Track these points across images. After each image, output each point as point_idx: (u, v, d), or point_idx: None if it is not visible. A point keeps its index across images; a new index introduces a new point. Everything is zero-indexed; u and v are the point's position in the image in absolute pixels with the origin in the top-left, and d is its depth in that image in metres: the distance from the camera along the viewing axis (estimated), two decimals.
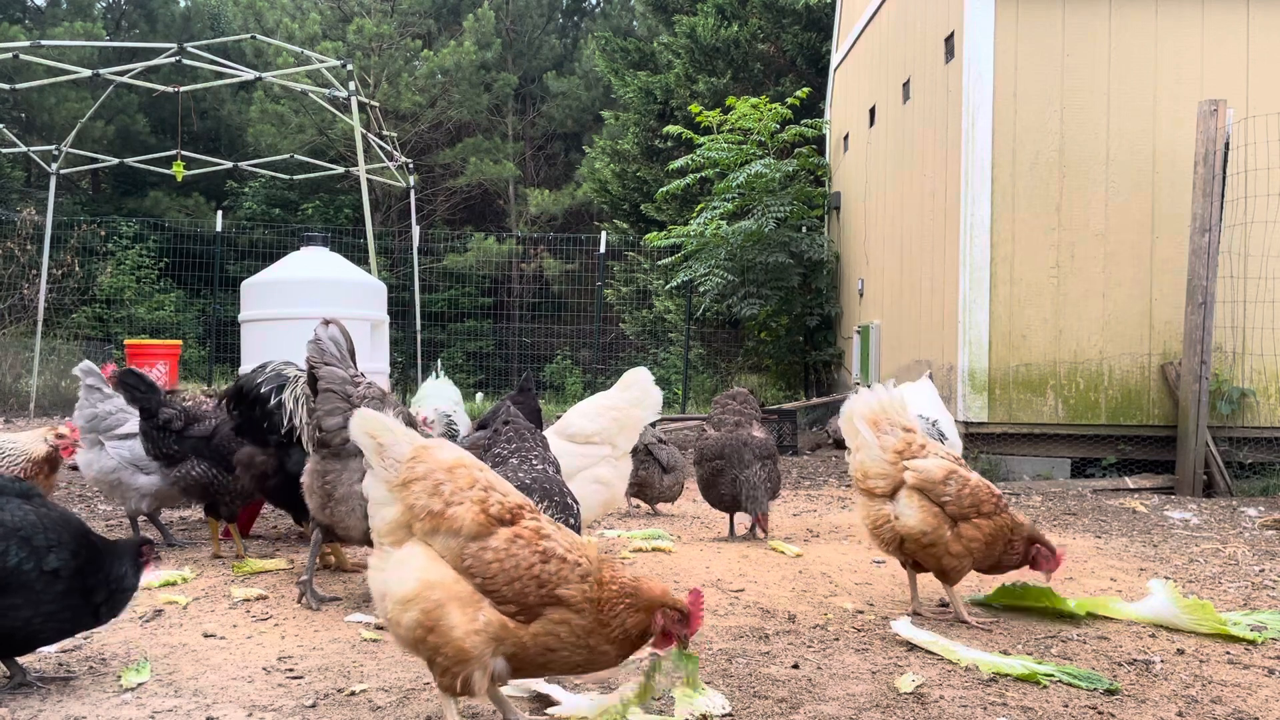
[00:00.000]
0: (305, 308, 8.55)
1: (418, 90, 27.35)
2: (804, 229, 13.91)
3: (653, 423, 6.34)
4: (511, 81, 29.67)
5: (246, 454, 4.50)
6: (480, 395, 18.67)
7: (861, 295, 12.51)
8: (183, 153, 13.85)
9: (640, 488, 6.42)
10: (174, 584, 4.37)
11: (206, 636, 3.58)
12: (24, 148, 14.67)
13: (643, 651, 2.67)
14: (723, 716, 2.85)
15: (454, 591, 2.49)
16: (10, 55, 12.05)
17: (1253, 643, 3.69)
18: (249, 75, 13.24)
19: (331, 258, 9.40)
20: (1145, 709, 3.01)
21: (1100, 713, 2.96)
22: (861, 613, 4.07)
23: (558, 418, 6.33)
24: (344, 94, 12.53)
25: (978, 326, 8.36)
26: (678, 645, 2.57)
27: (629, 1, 31.64)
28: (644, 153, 19.89)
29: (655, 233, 15.23)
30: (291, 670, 3.21)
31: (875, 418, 3.94)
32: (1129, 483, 8.10)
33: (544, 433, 4.62)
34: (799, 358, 14.77)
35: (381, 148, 14.79)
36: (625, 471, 5.11)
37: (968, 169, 8.42)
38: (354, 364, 4.01)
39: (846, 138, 13.80)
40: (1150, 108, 8.38)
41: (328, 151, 25.06)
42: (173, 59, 12.51)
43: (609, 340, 21.15)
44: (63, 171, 15.16)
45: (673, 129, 15.12)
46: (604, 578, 2.55)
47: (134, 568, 3.09)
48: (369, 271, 10.94)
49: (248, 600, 4.08)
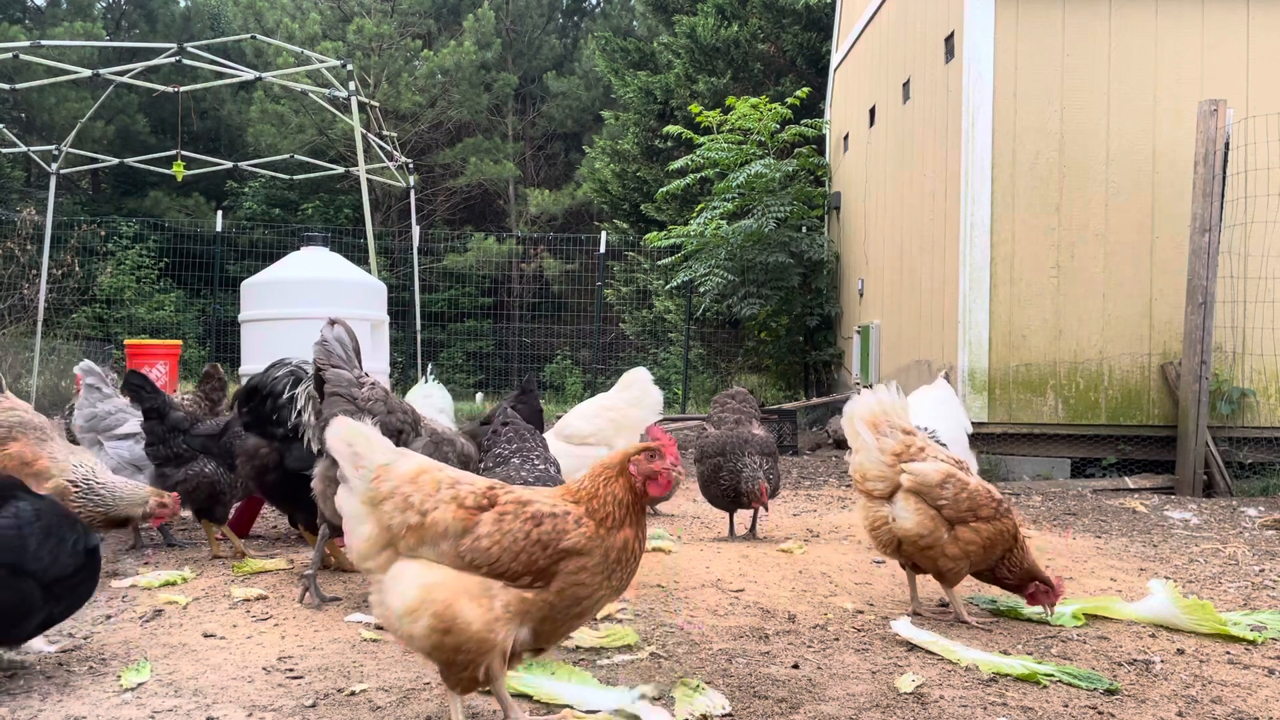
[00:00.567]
0: (305, 308, 8.55)
1: (418, 90, 27.35)
2: (804, 229, 13.91)
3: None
4: (511, 81, 29.67)
5: (252, 445, 4.50)
6: (480, 395, 18.68)
7: (861, 295, 12.51)
8: (183, 153, 13.84)
9: None
10: (174, 584, 4.37)
11: (206, 636, 3.58)
12: (24, 148, 14.68)
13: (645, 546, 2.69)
14: (723, 716, 2.85)
15: (459, 588, 2.50)
16: (10, 55, 12.05)
17: (1253, 643, 3.69)
18: (249, 75, 13.24)
19: (331, 258, 9.40)
20: (1145, 709, 3.01)
21: (1100, 713, 2.96)
22: (861, 613, 4.07)
23: (558, 418, 6.33)
24: (344, 94, 12.53)
25: (978, 326, 8.36)
26: (663, 475, 2.63)
27: (629, 1, 31.64)
28: (644, 153, 19.89)
29: (655, 233, 15.23)
30: (291, 670, 3.21)
31: (875, 420, 3.94)
32: (1129, 483, 8.10)
33: (543, 435, 4.63)
34: (799, 358, 14.77)
35: (381, 148, 14.79)
36: None
37: (968, 169, 8.42)
38: (360, 364, 4.01)
39: (846, 138, 13.80)
40: (1150, 108, 8.38)
41: (328, 151, 25.06)
42: (173, 59, 12.51)
43: (609, 340, 21.15)
44: (63, 171, 15.16)
45: (673, 129, 15.13)
46: (595, 506, 2.60)
47: None
48: (369, 271, 10.94)
49: (248, 600, 4.08)
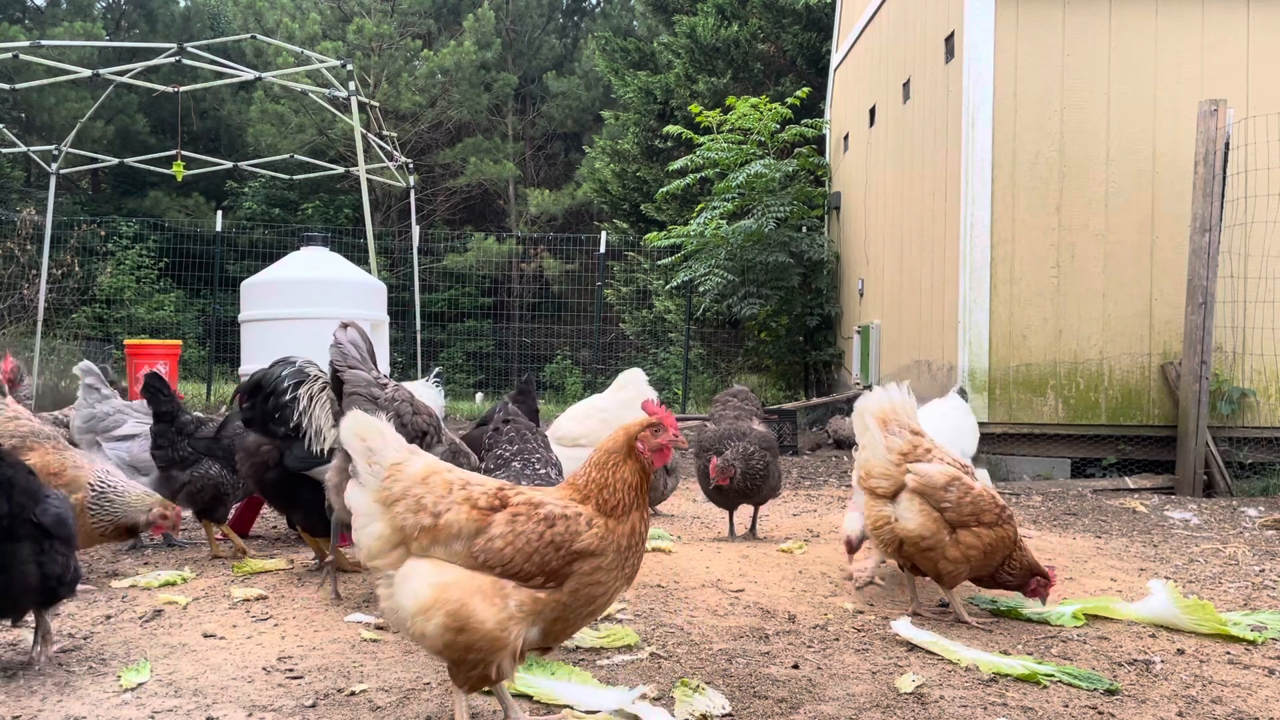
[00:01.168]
0: (305, 308, 8.56)
1: (418, 90, 27.35)
2: (804, 229, 13.91)
3: None
4: (511, 81, 29.67)
5: (253, 441, 4.49)
6: (480, 395, 18.69)
7: (861, 295, 12.51)
8: (183, 153, 13.85)
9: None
10: (174, 584, 4.37)
11: (206, 636, 3.57)
12: (24, 148, 14.68)
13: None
14: (723, 716, 2.85)
15: (472, 587, 2.50)
16: (10, 55, 12.06)
17: (1253, 643, 3.69)
18: (249, 75, 13.24)
19: (331, 258, 9.41)
20: (1145, 709, 3.01)
21: (1100, 713, 2.96)
22: (861, 613, 4.07)
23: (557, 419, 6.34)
24: (344, 94, 12.53)
25: (978, 326, 8.35)
26: (669, 446, 2.67)
27: (629, 1, 31.64)
28: (644, 153, 19.88)
29: (655, 233, 15.23)
30: (291, 670, 3.20)
31: (885, 417, 3.93)
32: (1129, 483, 8.10)
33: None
34: (799, 358, 14.77)
35: (381, 148, 14.80)
36: None
37: (968, 169, 8.42)
38: (375, 366, 4.01)
39: (846, 138, 13.80)
40: (1150, 108, 8.38)
41: (328, 151, 25.06)
42: (173, 59, 12.52)
43: (609, 340, 21.14)
44: (63, 171, 15.17)
45: (673, 129, 15.12)
46: (602, 500, 2.61)
47: None
48: (369, 271, 10.95)
49: (248, 600, 4.08)
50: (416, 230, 15.92)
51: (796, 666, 3.32)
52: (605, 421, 4.96)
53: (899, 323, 10.63)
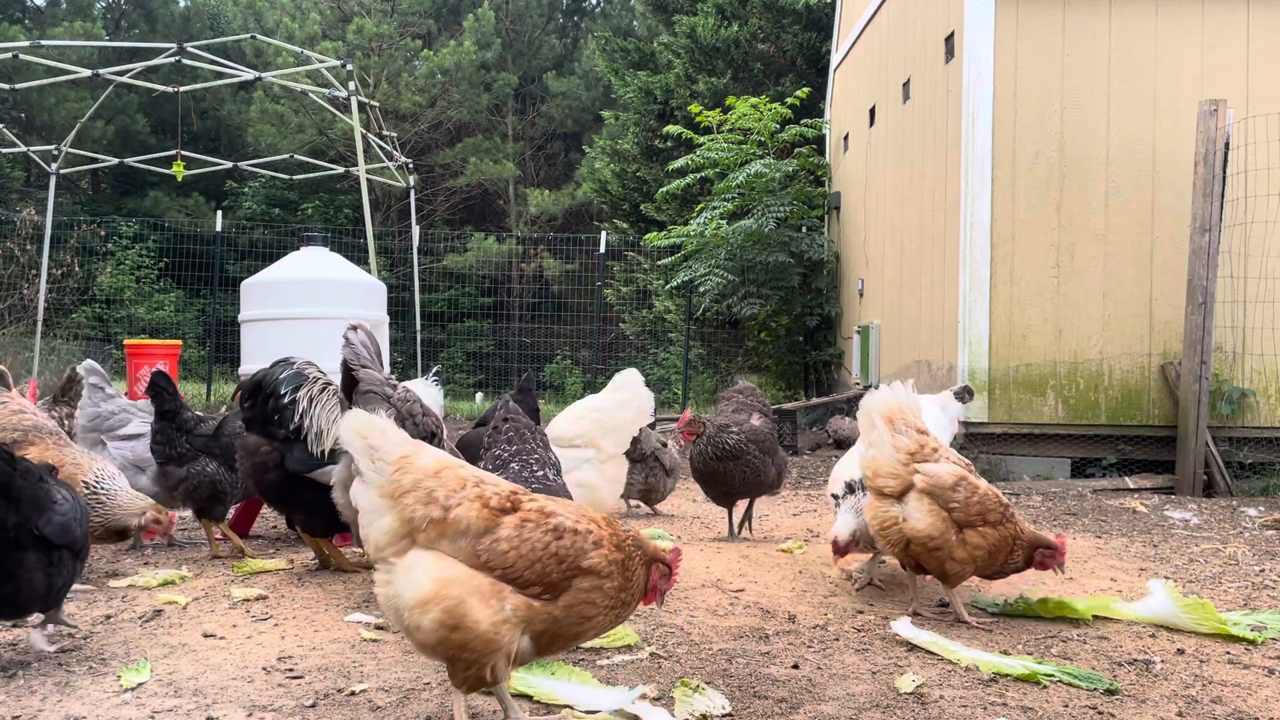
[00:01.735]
0: (305, 308, 8.56)
1: (418, 90, 27.36)
2: (804, 229, 13.91)
3: (652, 424, 6.32)
4: (511, 81, 29.68)
5: (253, 442, 4.47)
6: (480, 395, 18.69)
7: (861, 295, 12.51)
8: (183, 153, 13.86)
9: (647, 493, 6.51)
10: (173, 583, 4.37)
11: (206, 636, 3.57)
12: (24, 148, 14.69)
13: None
14: (723, 716, 2.85)
15: (472, 586, 2.50)
16: (10, 55, 12.06)
17: (1253, 643, 3.69)
18: (249, 75, 13.25)
19: (331, 258, 9.39)
20: (1145, 709, 3.01)
21: (1100, 713, 2.96)
22: (861, 613, 4.07)
23: None
24: (344, 94, 12.53)
25: (978, 326, 8.36)
26: (658, 601, 2.74)
27: (629, 1, 31.65)
28: (644, 153, 19.89)
29: (655, 233, 15.24)
30: (291, 670, 3.20)
31: (892, 416, 3.92)
32: (1129, 483, 8.10)
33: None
34: (799, 358, 14.77)
35: (381, 148, 14.80)
36: (613, 474, 4.94)
37: (968, 169, 8.42)
38: (384, 367, 4.03)
39: (846, 138, 13.80)
40: (1150, 108, 8.38)
41: (328, 151, 25.06)
42: (172, 59, 12.52)
43: (609, 340, 21.15)
44: (63, 171, 15.17)
45: (673, 129, 15.13)
46: (620, 538, 2.64)
47: None
48: (369, 271, 10.94)
49: (248, 600, 4.08)
50: (416, 230, 15.92)
51: (796, 666, 3.32)
52: (599, 422, 4.91)
53: (899, 323, 10.63)
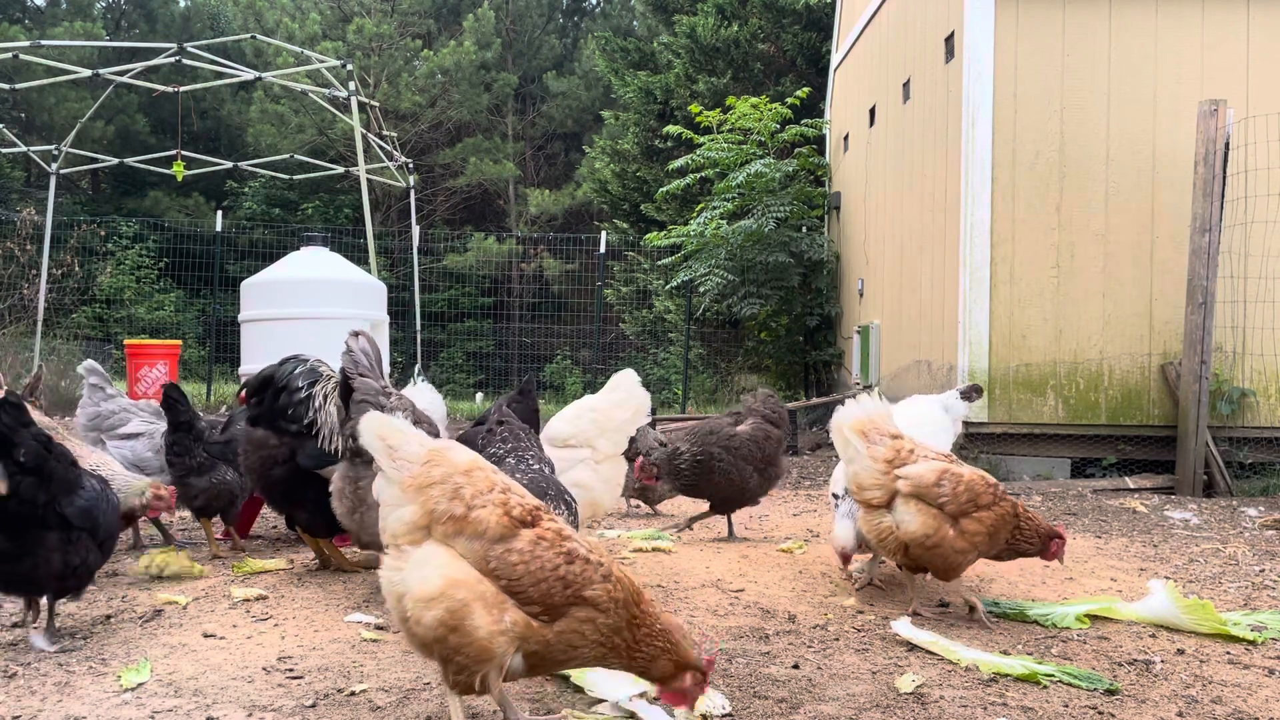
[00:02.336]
0: (305, 308, 8.57)
1: (418, 90, 27.35)
2: (804, 229, 13.91)
3: (652, 423, 6.31)
4: (511, 81, 29.67)
5: (260, 436, 4.43)
6: (480, 396, 18.69)
7: (861, 295, 12.51)
8: (183, 153, 13.86)
9: (644, 491, 6.50)
10: (171, 574, 4.37)
11: (206, 636, 3.57)
12: (24, 148, 14.70)
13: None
14: (723, 716, 2.85)
15: (479, 592, 2.50)
16: (10, 55, 12.06)
17: (1253, 643, 3.69)
18: (249, 75, 13.25)
19: (331, 258, 9.41)
20: (1145, 709, 3.01)
21: (1100, 713, 2.96)
22: (861, 613, 4.07)
23: None
24: (344, 94, 12.54)
25: (978, 326, 8.36)
26: (688, 706, 2.66)
27: (629, 1, 31.65)
28: (644, 153, 19.89)
29: (655, 233, 15.23)
30: (291, 670, 3.20)
31: (864, 428, 3.92)
32: (1129, 483, 8.10)
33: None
34: (799, 358, 14.77)
35: (381, 148, 14.80)
36: (609, 474, 4.92)
37: (968, 169, 8.42)
38: (383, 375, 4.03)
39: (846, 138, 13.80)
40: (1150, 108, 8.38)
41: (328, 151, 25.07)
42: (172, 59, 12.53)
43: (609, 340, 21.15)
44: (63, 171, 15.18)
45: (673, 129, 15.12)
46: (640, 597, 2.61)
47: None
48: (369, 271, 10.95)
49: (248, 600, 4.08)
50: (416, 230, 15.93)
51: (796, 666, 3.32)
52: (595, 422, 4.87)
53: (899, 323, 10.63)
